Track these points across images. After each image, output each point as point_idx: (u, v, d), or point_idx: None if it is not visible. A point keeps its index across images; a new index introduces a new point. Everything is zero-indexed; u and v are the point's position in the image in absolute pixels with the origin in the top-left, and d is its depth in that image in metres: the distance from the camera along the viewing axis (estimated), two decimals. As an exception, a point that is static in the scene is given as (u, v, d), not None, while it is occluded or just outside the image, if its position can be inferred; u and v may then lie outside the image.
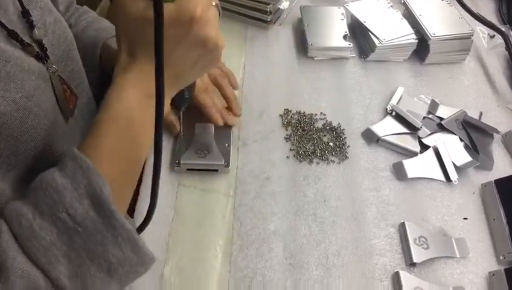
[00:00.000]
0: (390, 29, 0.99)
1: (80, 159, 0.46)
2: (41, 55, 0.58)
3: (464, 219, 0.77)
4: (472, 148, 0.85)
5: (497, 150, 0.87)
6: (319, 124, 0.87)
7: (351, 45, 0.98)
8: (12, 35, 0.54)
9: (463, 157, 0.83)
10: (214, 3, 0.51)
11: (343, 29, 1.00)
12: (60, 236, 0.44)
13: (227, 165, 0.77)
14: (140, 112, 0.50)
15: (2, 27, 0.53)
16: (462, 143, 0.85)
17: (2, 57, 0.50)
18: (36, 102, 0.54)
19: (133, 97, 0.48)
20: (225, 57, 0.93)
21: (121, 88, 0.50)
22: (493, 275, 0.70)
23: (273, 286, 0.67)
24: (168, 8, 0.45)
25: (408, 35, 0.99)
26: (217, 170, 0.78)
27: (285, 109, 0.88)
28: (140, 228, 0.50)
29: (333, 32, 1.00)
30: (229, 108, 0.85)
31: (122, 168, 0.51)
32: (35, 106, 0.54)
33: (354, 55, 1.00)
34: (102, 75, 0.78)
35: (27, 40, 0.57)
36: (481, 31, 1.10)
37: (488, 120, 0.91)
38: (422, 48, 0.99)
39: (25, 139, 0.53)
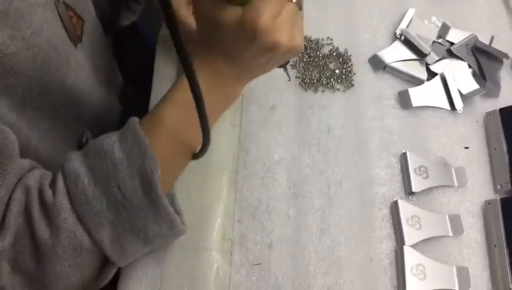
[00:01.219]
0: None
1: (139, 138, 0.49)
2: None
3: (465, 148, 0.78)
4: (480, 75, 0.84)
5: (505, 76, 0.86)
6: (326, 50, 0.85)
7: (362, -38, 0.93)
8: None
9: (470, 85, 0.82)
10: (293, 0, 0.50)
11: None
12: (108, 206, 0.49)
13: (233, 94, 0.78)
14: (208, 98, 0.48)
15: None
16: (470, 70, 0.84)
17: None
18: (45, 37, 0.54)
19: (202, 85, 0.47)
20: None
21: (180, 79, 0.54)
22: (489, 203, 0.73)
23: (277, 215, 0.71)
24: (233, 14, 0.47)
25: (423, -50, 0.93)
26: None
27: (291, 34, 0.86)
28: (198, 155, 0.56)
29: None
30: None
31: (177, 150, 0.55)
32: (44, 42, 0.54)
33: (364, -28, 0.95)
34: None
35: None
36: None
37: (499, 44, 0.89)
38: (437, -36, 0.94)
39: (38, 76, 0.54)
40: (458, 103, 0.80)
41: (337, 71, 0.83)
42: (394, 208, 0.72)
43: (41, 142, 0.61)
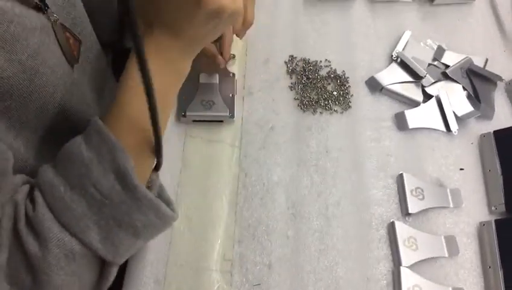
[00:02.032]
0: (400, -32, 0.95)
1: (104, 134, 0.49)
2: (41, 6, 0.58)
3: (461, 169, 0.80)
4: (474, 97, 0.86)
5: (499, 98, 0.88)
6: (324, 72, 0.87)
7: (359, -15, 0.96)
8: None
9: (464, 107, 0.84)
10: None
11: (352, -33, 0.97)
12: (89, 207, 0.48)
13: (232, 116, 0.79)
14: (160, 78, 0.50)
15: None
16: (465, 92, 0.86)
17: (4, 18, 0.50)
18: (42, 59, 0.55)
19: (152, 65, 0.47)
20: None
21: (131, 65, 0.52)
22: (484, 225, 0.75)
23: (276, 235, 0.72)
24: None
25: (418, -25, 0.96)
26: (222, 121, 0.80)
27: (290, 56, 0.88)
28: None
29: (341, -29, 0.97)
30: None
31: (145, 135, 0.53)
32: (41, 64, 0.55)
33: (361, -5, 0.98)
34: (120, 19, 0.77)
35: None
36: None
37: (493, 66, 0.91)
38: (432, -13, 0.97)
39: (34, 98, 0.55)
40: (453, 125, 0.82)
41: (335, 93, 0.85)
42: (391, 229, 0.73)
43: (39, 163, 0.62)
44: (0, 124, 0.52)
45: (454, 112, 0.83)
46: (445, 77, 0.87)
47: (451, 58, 0.90)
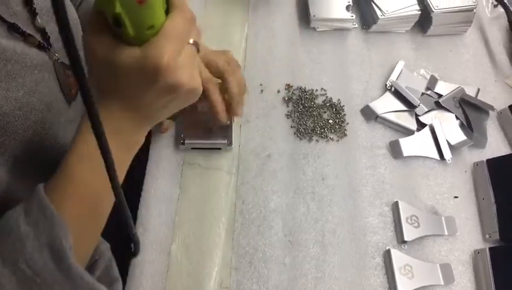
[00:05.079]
0: (393, 0, 0.98)
1: (44, 206, 0.45)
2: (44, 44, 0.59)
3: (455, 197, 0.81)
4: (467, 126, 0.87)
5: (491, 127, 0.90)
6: (320, 101, 0.89)
7: (353, 16, 0.98)
8: (12, 28, 0.54)
9: (458, 136, 0.86)
10: (191, 42, 0.48)
11: (346, -2, 1.00)
12: (19, 285, 0.45)
13: (230, 143, 0.80)
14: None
15: (3, 21, 0.53)
16: (458, 121, 0.88)
17: (2, 57, 0.51)
18: (39, 96, 0.55)
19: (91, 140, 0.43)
20: (229, 27, 0.95)
21: (84, 129, 0.49)
22: (478, 253, 0.75)
23: (273, 263, 0.72)
24: (132, 55, 0.44)
25: (411, 6, 0.98)
26: (220, 148, 0.81)
27: (286, 84, 0.90)
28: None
29: (336, 2, 0.99)
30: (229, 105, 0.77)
31: (90, 207, 0.50)
32: (37, 101, 0.55)
33: (356, 26, 1.00)
34: None
35: (30, 29, 0.57)
36: (485, -1, 1.10)
37: (485, 95, 0.93)
38: (424, 19, 0.99)
39: (29, 135, 0.55)
40: (447, 153, 0.83)
41: (330, 121, 0.86)
42: (387, 257, 0.74)
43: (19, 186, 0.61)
44: None
45: (447, 141, 0.84)
46: (439, 106, 0.89)
47: (444, 88, 0.92)
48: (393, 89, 0.90)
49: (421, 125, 0.87)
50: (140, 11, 0.42)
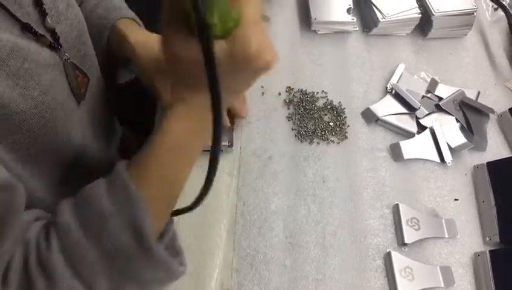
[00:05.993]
0: (394, 3, 0.98)
1: (127, 188, 0.49)
2: (54, 44, 0.59)
3: (455, 200, 0.81)
4: (467, 129, 0.88)
5: (491, 130, 0.90)
6: (320, 103, 0.89)
7: (354, 19, 0.98)
8: (26, 28, 0.55)
9: (458, 138, 0.86)
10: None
11: (347, 1, 1.00)
12: (101, 258, 0.49)
13: (231, 145, 0.80)
14: (192, 137, 0.50)
15: (17, 20, 0.54)
16: (458, 124, 0.88)
17: (19, 54, 0.51)
18: (52, 96, 0.56)
19: (185, 125, 0.48)
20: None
21: (171, 117, 0.50)
22: (478, 255, 0.75)
23: (274, 264, 0.72)
24: (220, 48, 0.44)
25: (411, 10, 0.99)
26: (221, 150, 0.81)
27: (287, 87, 0.90)
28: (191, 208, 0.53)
29: (337, 5, 0.99)
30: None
31: (171, 188, 0.53)
32: (51, 100, 0.56)
33: (356, 28, 1.00)
34: (109, 57, 0.79)
35: (41, 30, 0.58)
36: (485, 3, 1.10)
37: (485, 99, 0.93)
38: (425, 22, 1.00)
39: (43, 133, 0.56)
40: (447, 156, 0.83)
41: (331, 123, 0.86)
42: (388, 259, 0.74)
43: (45, 195, 0.63)
44: (8, 155, 0.53)
45: (448, 144, 0.85)
46: (439, 109, 0.89)
47: (444, 91, 0.92)
48: (393, 91, 0.90)
49: (421, 128, 0.87)
50: (230, 13, 0.43)
